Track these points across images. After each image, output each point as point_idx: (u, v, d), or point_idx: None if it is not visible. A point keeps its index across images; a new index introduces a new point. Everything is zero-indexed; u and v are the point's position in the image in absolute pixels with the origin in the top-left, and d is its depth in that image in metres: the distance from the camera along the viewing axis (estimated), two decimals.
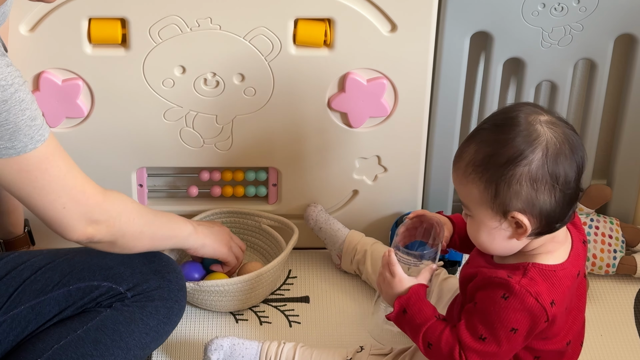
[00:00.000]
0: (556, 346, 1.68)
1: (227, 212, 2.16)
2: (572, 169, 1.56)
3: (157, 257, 1.84)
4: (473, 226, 1.63)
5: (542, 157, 1.54)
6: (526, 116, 1.57)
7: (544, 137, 1.55)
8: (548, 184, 1.55)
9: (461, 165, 1.60)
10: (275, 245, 2.14)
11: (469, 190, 1.59)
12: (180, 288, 1.84)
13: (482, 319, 1.62)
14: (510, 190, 1.55)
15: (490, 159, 1.56)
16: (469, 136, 1.62)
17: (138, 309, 1.77)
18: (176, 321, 1.85)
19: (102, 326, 1.75)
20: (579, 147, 1.58)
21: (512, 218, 1.58)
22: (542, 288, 1.60)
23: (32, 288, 1.75)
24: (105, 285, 1.77)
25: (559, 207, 1.57)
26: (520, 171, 1.54)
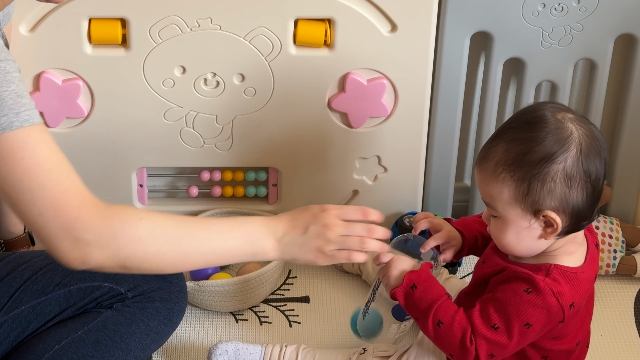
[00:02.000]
0: (565, 346, 1.69)
1: (227, 212, 2.16)
2: (601, 166, 1.57)
3: None
4: (499, 227, 1.63)
5: (576, 153, 1.55)
6: (553, 114, 1.57)
7: (576, 134, 1.55)
8: (582, 181, 1.56)
9: (489, 165, 1.59)
10: None
11: (498, 190, 1.59)
12: (181, 289, 1.84)
13: (499, 308, 1.61)
14: (544, 188, 1.56)
15: (524, 157, 1.56)
16: (494, 136, 1.61)
17: (139, 310, 1.77)
18: (177, 322, 1.84)
19: (103, 327, 1.74)
20: (604, 143, 1.59)
21: (544, 217, 1.58)
22: (564, 289, 1.60)
23: (32, 288, 1.75)
24: (106, 285, 1.76)
25: (589, 203, 1.58)
26: (555, 168, 1.55)
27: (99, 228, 1.46)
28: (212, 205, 2.17)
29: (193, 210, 2.16)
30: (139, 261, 1.50)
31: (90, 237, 1.45)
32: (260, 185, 2.17)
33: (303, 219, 1.62)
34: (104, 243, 1.46)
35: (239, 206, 2.18)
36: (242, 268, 2.08)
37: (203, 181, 2.15)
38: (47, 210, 1.43)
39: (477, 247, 1.81)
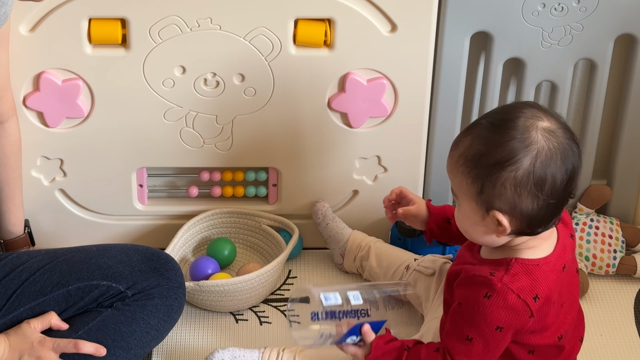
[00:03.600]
0: (547, 341, 1.69)
1: (227, 212, 2.16)
2: (559, 180, 1.58)
3: (155, 255, 1.85)
4: (459, 214, 1.67)
5: (529, 165, 1.56)
6: (525, 120, 1.58)
7: (537, 146, 1.56)
8: (532, 192, 1.57)
9: (455, 154, 1.63)
10: (275, 245, 2.14)
11: (458, 181, 1.63)
12: (180, 285, 1.85)
13: (466, 319, 1.64)
14: (494, 191, 1.58)
15: (480, 157, 1.58)
16: (468, 127, 1.64)
17: (139, 308, 1.77)
18: (176, 319, 1.85)
19: (104, 326, 1.75)
20: (573, 157, 1.59)
21: (494, 216, 1.60)
22: (524, 283, 1.62)
23: (31, 289, 1.75)
24: (105, 284, 1.77)
25: (541, 213, 1.59)
26: (505, 175, 1.57)
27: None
28: (212, 205, 2.17)
29: (193, 210, 2.16)
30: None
31: None
32: (260, 185, 2.17)
33: (20, 347, 1.73)
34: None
35: (239, 206, 2.17)
36: (242, 268, 2.08)
37: (203, 181, 2.15)
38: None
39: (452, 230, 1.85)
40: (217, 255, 2.13)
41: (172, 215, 2.17)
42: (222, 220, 2.17)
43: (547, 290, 1.63)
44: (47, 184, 2.10)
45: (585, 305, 2.09)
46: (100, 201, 2.13)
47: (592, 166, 2.20)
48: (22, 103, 1.98)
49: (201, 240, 2.17)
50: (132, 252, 1.82)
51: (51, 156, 2.06)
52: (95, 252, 1.80)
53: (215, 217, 2.16)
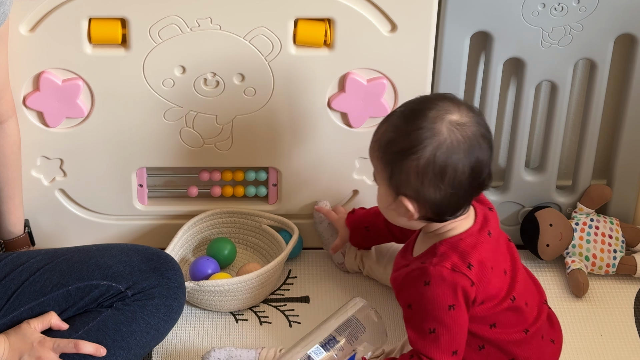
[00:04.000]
0: (501, 306, 1.73)
1: (227, 212, 2.16)
2: (463, 171, 1.64)
3: (155, 255, 1.85)
4: (378, 196, 1.75)
5: (431, 155, 1.63)
6: (436, 112, 1.65)
7: (441, 137, 1.63)
8: (433, 181, 1.65)
9: (373, 139, 1.73)
10: (275, 245, 2.14)
11: (375, 165, 1.73)
12: (180, 285, 1.85)
13: (420, 315, 1.69)
14: (401, 177, 1.67)
15: (389, 144, 1.68)
16: (388, 114, 1.73)
17: (139, 308, 1.77)
18: (176, 318, 1.85)
19: (104, 326, 1.75)
20: (479, 151, 1.65)
21: (401, 201, 1.68)
22: (454, 258, 1.69)
23: (31, 289, 1.75)
24: (105, 284, 1.76)
25: (445, 202, 1.67)
26: (409, 163, 1.65)
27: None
28: (212, 205, 2.17)
29: (193, 210, 2.16)
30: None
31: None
32: (260, 185, 2.17)
33: (20, 347, 1.74)
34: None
35: (239, 206, 2.17)
36: (242, 268, 2.08)
37: (203, 181, 2.15)
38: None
39: (371, 235, 2.02)
40: (217, 255, 2.13)
41: (172, 215, 2.17)
42: (222, 220, 2.17)
43: (478, 256, 1.69)
44: (47, 184, 2.10)
45: (585, 305, 2.10)
46: (100, 201, 2.13)
47: (592, 166, 2.19)
48: (22, 103, 1.98)
49: (201, 240, 2.17)
50: (132, 252, 1.82)
51: (51, 156, 2.06)
52: (95, 252, 1.80)
53: (215, 217, 2.16)
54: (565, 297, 2.11)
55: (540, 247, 2.14)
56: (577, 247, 2.15)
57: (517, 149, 2.15)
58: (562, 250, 2.16)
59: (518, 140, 2.14)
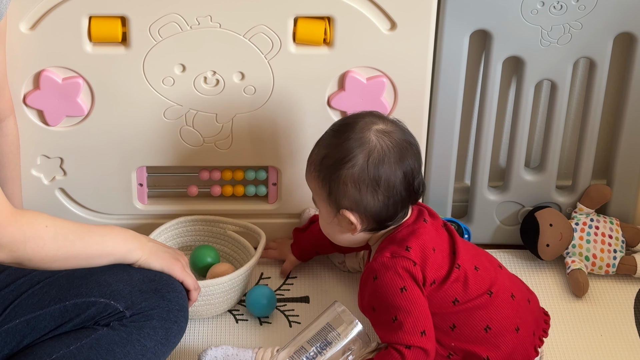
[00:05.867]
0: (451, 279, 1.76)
1: (191, 220, 2.15)
2: (396, 175, 1.72)
3: (158, 276, 1.81)
4: (321, 220, 1.83)
5: (364, 161, 1.71)
6: (362, 124, 1.73)
7: (371, 144, 1.71)
8: (370, 187, 1.71)
9: (308, 164, 1.81)
10: (242, 251, 2.13)
11: (313, 187, 1.80)
12: (181, 308, 1.80)
13: (382, 309, 1.74)
14: (339, 190, 1.74)
15: (323, 159, 1.76)
16: (321, 136, 1.82)
17: (136, 330, 1.73)
18: (175, 342, 1.80)
19: (97, 345, 1.71)
20: (411, 155, 1.74)
21: (343, 215, 1.73)
22: (392, 247, 1.75)
23: (28, 302, 1.73)
24: (102, 301, 1.73)
25: (385, 208, 1.73)
26: (344, 173, 1.72)
27: (14, 234, 1.60)
28: (212, 205, 2.17)
29: (193, 210, 2.16)
30: (36, 261, 1.65)
31: (5, 241, 1.59)
32: (260, 185, 2.17)
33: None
34: (14, 247, 1.61)
35: (238, 205, 2.17)
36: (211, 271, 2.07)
37: (203, 180, 2.15)
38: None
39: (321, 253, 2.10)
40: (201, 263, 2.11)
41: (172, 214, 2.16)
42: (187, 229, 2.16)
43: (416, 240, 1.75)
44: (47, 183, 2.10)
45: (585, 305, 2.09)
46: (100, 200, 2.13)
47: (592, 166, 2.19)
48: (22, 101, 1.98)
49: None
50: (134, 271, 1.79)
51: (51, 155, 2.06)
52: (97, 268, 1.77)
53: (179, 225, 2.14)
54: (565, 297, 2.11)
55: (540, 247, 2.14)
56: (577, 247, 2.15)
57: (517, 148, 2.15)
58: (562, 250, 2.15)
59: (518, 139, 2.14)
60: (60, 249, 1.67)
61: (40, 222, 1.64)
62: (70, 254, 1.69)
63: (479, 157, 2.16)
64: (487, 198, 2.20)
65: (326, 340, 1.82)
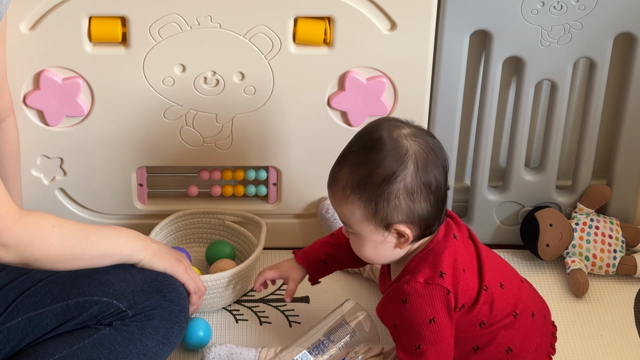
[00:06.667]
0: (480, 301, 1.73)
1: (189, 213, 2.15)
2: (440, 174, 1.68)
3: (160, 276, 1.81)
4: (357, 242, 1.74)
5: (414, 170, 1.65)
6: (389, 134, 1.67)
7: (412, 151, 1.66)
8: (423, 193, 1.66)
9: (338, 188, 1.70)
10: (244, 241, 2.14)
11: (350, 211, 1.69)
12: (182, 309, 1.81)
13: (405, 332, 1.71)
14: (390, 206, 1.66)
15: (367, 179, 1.66)
16: (339, 159, 1.72)
17: (137, 330, 1.74)
18: (176, 342, 1.80)
19: (99, 345, 1.71)
20: (441, 151, 1.70)
21: (395, 230, 1.68)
22: (425, 271, 1.70)
23: (30, 300, 1.73)
24: (105, 300, 1.73)
25: (434, 210, 1.68)
26: (397, 187, 1.65)
27: (21, 235, 1.60)
28: (212, 205, 2.17)
29: (193, 210, 2.16)
30: (43, 262, 1.65)
31: (12, 241, 1.60)
32: (260, 185, 2.17)
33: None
34: (21, 247, 1.61)
35: (239, 205, 2.17)
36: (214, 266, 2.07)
37: (203, 180, 2.15)
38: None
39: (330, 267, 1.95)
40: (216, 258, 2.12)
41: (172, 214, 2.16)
42: (185, 222, 2.16)
43: (448, 262, 1.71)
44: (47, 183, 2.10)
45: (585, 305, 2.09)
46: (100, 200, 2.13)
47: (592, 166, 2.19)
48: (22, 101, 1.98)
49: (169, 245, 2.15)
50: (136, 271, 1.80)
51: (51, 155, 2.06)
52: (100, 268, 1.77)
53: (178, 220, 2.15)
54: (565, 297, 2.11)
55: (540, 247, 2.14)
56: (577, 247, 2.15)
57: (517, 148, 2.15)
58: (562, 250, 2.15)
59: (518, 139, 2.14)
60: (67, 249, 1.67)
61: (46, 222, 1.65)
62: (76, 254, 1.70)
63: (479, 157, 2.16)
64: (487, 198, 2.20)
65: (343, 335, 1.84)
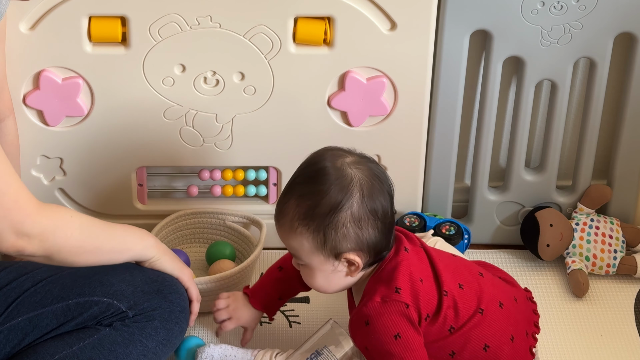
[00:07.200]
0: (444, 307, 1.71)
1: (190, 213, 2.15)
2: (386, 200, 1.67)
3: (160, 277, 1.81)
4: (308, 274, 1.73)
5: (360, 198, 1.64)
6: (333, 163, 1.66)
7: (356, 179, 1.65)
8: (370, 220, 1.65)
9: (286, 221, 1.68)
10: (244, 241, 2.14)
11: (299, 243, 1.68)
12: (182, 310, 1.81)
13: (377, 353, 1.70)
14: (338, 235, 1.65)
15: (314, 210, 1.65)
16: (284, 192, 1.70)
17: (138, 330, 1.74)
18: (176, 343, 1.81)
19: (99, 345, 1.71)
20: (386, 177, 1.69)
21: (345, 259, 1.67)
22: (381, 290, 1.69)
23: (31, 300, 1.73)
24: (105, 301, 1.73)
25: (382, 237, 1.68)
26: (344, 216, 1.64)
27: (43, 223, 1.60)
28: (212, 205, 2.17)
29: (193, 210, 2.15)
30: (65, 253, 1.64)
31: (35, 231, 1.59)
32: (261, 185, 2.17)
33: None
34: (45, 237, 1.60)
35: (239, 205, 2.17)
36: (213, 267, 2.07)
37: (203, 180, 2.15)
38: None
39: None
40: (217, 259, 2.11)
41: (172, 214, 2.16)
42: (184, 223, 2.16)
43: (403, 276, 1.70)
44: (46, 183, 2.10)
45: (585, 305, 2.09)
46: (100, 200, 2.13)
47: (592, 166, 2.19)
48: (22, 101, 1.98)
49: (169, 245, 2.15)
50: (137, 272, 1.79)
51: (51, 155, 2.06)
52: (100, 268, 1.77)
53: (178, 220, 2.15)
54: (565, 297, 2.11)
55: (541, 247, 2.14)
56: (578, 247, 2.14)
57: (517, 148, 2.15)
58: (562, 251, 2.15)
59: (518, 139, 2.14)
60: (87, 240, 1.67)
61: (65, 212, 1.65)
62: (95, 246, 1.70)
63: (479, 157, 2.16)
64: (487, 198, 2.20)
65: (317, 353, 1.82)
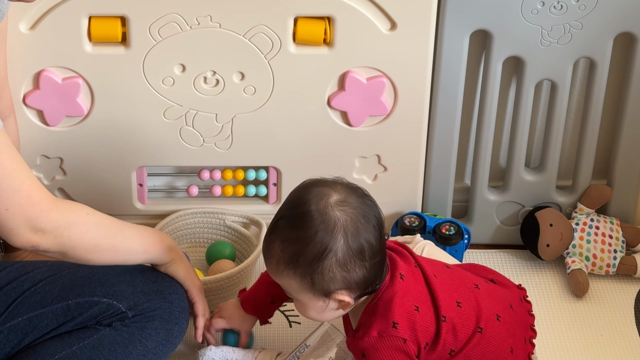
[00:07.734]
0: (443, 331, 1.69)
1: (190, 213, 2.15)
2: (372, 235, 1.62)
3: (160, 277, 1.81)
4: (301, 307, 1.70)
5: (344, 243, 1.60)
6: (317, 206, 1.61)
7: (340, 223, 1.60)
8: (357, 262, 1.62)
9: (272, 261, 1.66)
10: (244, 241, 2.14)
11: (287, 282, 1.66)
12: (182, 310, 1.80)
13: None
14: (325, 279, 1.62)
15: (297, 257, 1.61)
16: (269, 231, 1.66)
17: (137, 330, 1.73)
18: (175, 343, 1.80)
19: (99, 345, 1.71)
20: (371, 211, 1.64)
21: (334, 298, 1.65)
22: (377, 323, 1.66)
23: (31, 300, 1.73)
24: (105, 301, 1.73)
25: (372, 273, 1.64)
26: (329, 263, 1.60)
27: (58, 219, 1.60)
28: (212, 205, 2.17)
29: (193, 210, 2.15)
30: (80, 250, 1.64)
31: (49, 226, 1.59)
32: (261, 185, 2.17)
33: None
34: (59, 232, 1.60)
35: (239, 205, 2.17)
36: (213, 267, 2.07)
37: (203, 180, 2.15)
38: (12, 205, 1.55)
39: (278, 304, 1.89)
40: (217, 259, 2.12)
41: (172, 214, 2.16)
42: (184, 223, 2.16)
43: (399, 308, 1.67)
44: (46, 183, 2.10)
45: (585, 305, 2.09)
46: (100, 200, 2.12)
47: (592, 166, 2.19)
48: (22, 101, 1.98)
49: None
50: (137, 272, 1.79)
51: (51, 155, 2.06)
52: (100, 268, 1.77)
53: (178, 220, 2.15)
54: (565, 297, 2.11)
55: (541, 247, 2.14)
56: (578, 247, 2.14)
57: (517, 148, 2.15)
58: (562, 251, 2.15)
59: (518, 139, 2.14)
60: (103, 238, 1.67)
61: (81, 209, 1.65)
62: (111, 245, 1.69)
63: (479, 157, 2.16)
64: (487, 198, 2.20)
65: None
